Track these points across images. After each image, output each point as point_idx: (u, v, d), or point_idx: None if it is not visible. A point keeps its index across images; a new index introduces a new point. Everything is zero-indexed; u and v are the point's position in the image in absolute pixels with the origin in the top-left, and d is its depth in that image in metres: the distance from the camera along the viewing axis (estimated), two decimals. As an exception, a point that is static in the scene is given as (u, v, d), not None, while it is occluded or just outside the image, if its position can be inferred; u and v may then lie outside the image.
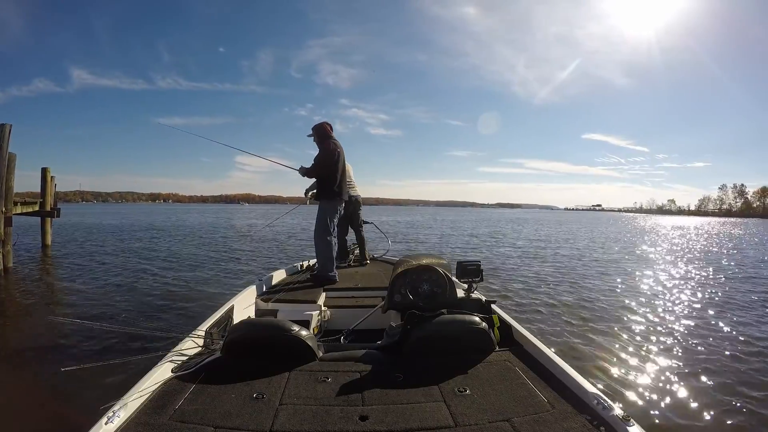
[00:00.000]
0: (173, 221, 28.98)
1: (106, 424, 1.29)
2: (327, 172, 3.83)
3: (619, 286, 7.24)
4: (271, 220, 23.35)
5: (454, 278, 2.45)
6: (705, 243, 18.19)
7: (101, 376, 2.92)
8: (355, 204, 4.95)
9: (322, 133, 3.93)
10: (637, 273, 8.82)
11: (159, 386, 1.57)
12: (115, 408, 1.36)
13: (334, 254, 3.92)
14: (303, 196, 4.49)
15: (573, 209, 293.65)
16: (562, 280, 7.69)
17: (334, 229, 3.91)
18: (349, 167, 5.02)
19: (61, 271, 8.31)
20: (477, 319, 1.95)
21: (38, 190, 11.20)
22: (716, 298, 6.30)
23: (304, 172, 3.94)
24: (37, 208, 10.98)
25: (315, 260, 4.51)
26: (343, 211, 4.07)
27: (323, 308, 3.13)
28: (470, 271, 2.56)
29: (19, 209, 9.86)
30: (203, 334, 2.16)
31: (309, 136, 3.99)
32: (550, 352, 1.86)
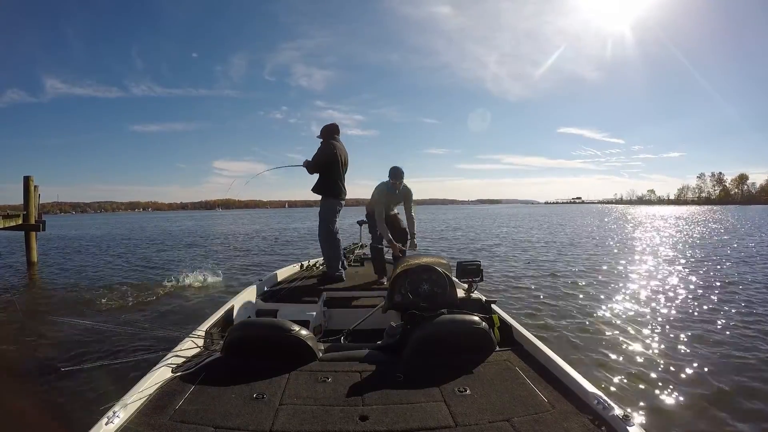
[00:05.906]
0: (157, 228, 28.39)
1: (106, 424, 1.29)
2: (323, 169, 3.84)
3: (620, 285, 7.23)
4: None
5: (454, 278, 2.45)
6: (703, 231, 18.11)
7: (101, 376, 2.93)
8: None
9: (325, 135, 3.97)
10: (640, 270, 8.80)
11: (159, 386, 1.58)
12: (115, 408, 1.37)
13: (340, 253, 3.92)
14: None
15: (554, 203, 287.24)
16: (561, 280, 7.68)
17: (336, 228, 3.90)
18: None
19: (55, 288, 7.47)
20: (477, 319, 1.95)
21: (11, 203, 10.54)
22: (720, 298, 6.28)
23: (306, 164, 3.93)
24: (20, 221, 9.97)
25: (315, 260, 4.53)
26: (341, 209, 4.05)
27: (323, 308, 3.13)
28: (470, 271, 2.56)
29: (1, 224, 9.17)
30: (203, 334, 2.17)
31: (318, 137, 4.00)
32: (550, 352, 1.86)
